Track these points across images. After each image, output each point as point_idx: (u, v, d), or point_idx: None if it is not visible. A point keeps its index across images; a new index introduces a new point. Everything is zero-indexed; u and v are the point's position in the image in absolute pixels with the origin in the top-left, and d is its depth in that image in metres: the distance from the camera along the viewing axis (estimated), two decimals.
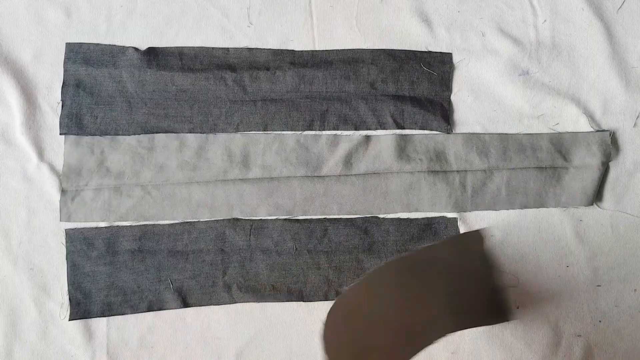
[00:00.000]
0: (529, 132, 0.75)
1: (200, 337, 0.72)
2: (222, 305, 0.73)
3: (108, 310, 0.72)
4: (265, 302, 0.72)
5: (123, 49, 0.75)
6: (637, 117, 0.76)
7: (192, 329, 0.73)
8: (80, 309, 0.72)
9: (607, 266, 0.74)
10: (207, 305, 0.73)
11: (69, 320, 0.71)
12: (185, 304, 0.72)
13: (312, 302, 0.73)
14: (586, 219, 0.75)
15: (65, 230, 0.73)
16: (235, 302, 0.72)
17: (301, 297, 0.73)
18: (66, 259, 0.72)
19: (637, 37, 0.76)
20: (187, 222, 0.74)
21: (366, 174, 0.75)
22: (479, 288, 0.66)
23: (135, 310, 0.72)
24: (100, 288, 0.72)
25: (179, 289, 0.72)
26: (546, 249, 0.74)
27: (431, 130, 0.75)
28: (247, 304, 0.73)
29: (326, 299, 0.73)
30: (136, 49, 0.75)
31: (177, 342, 0.72)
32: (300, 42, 0.76)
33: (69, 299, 0.72)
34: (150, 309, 0.72)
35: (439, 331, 0.57)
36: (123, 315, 0.72)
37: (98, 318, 0.72)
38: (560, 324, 0.73)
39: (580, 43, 0.76)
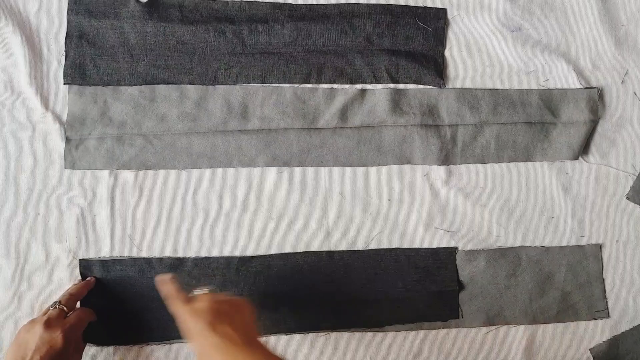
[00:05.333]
0: (519, 88, 0.77)
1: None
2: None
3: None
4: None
5: (124, 1, 0.76)
6: (625, 74, 0.78)
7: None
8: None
9: (591, 218, 0.77)
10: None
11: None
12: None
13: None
14: (572, 173, 0.77)
15: None
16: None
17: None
18: None
19: None
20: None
21: (361, 127, 0.77)
22: None
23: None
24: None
25: None
26: (532, 200, 0.77)
27: (425, 84, 0.77)
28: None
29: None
30: (137, 1, 0.76)
31: None
32: None
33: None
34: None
35: None
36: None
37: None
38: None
39: (572, 0, 0.78)
